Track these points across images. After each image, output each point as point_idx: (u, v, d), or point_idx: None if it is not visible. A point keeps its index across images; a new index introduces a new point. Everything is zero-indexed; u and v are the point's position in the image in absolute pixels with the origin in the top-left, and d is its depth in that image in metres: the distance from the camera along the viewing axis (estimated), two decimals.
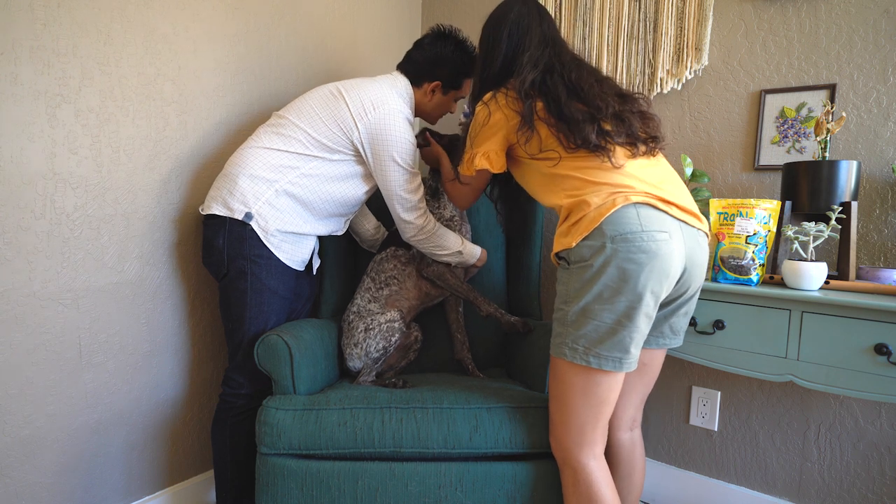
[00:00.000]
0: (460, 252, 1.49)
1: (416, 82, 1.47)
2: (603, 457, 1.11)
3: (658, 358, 1.24)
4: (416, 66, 1.47)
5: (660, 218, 1.02)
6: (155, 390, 1.47)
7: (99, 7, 1.25)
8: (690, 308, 1.19)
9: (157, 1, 1.36)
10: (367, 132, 1.33)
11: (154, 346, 1.45)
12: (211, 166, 1.52)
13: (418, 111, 1.53)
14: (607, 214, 1.00)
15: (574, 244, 1.03)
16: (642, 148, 1.11)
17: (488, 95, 1.20)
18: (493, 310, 1.51)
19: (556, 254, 1.10)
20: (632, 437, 1.29)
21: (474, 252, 1.53)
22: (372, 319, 1.46)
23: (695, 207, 1.11)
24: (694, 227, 1.09)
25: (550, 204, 1.15)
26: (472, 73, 1.51)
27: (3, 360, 1.18)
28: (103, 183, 1.30)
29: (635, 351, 1.04)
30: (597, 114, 1.09)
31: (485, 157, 1.21)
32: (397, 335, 1.46)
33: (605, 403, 1.07)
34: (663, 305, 1.14)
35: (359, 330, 1.46)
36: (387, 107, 1.34)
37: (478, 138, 1.22)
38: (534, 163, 1.16)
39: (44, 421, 1.26)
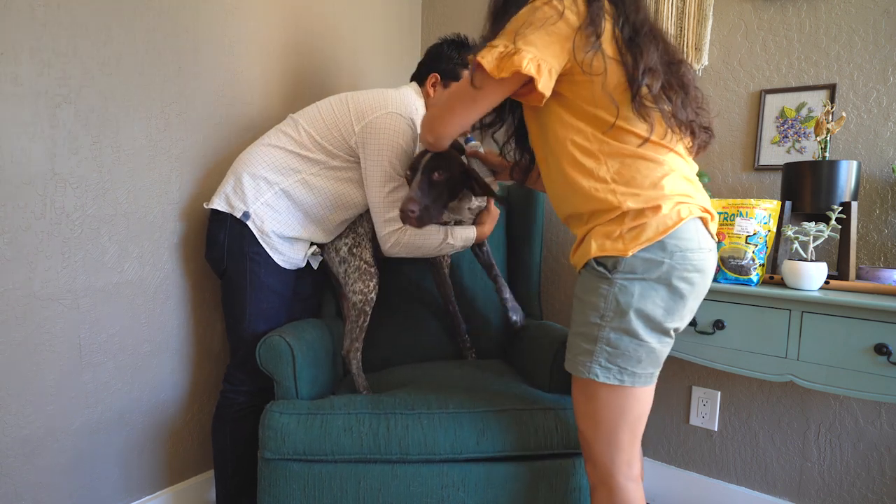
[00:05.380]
0: (449, 244, 1.39)
1: (420, 82, 1.51)
2: (639, 478, 1.04)
3: None
4: (419, 67, 1.52)
5: (706, 233, 0.95)
6: (155, 390, 1.47)
7: (99, 7, 1.25)
8: None
9: (156, 1, 1.36)
10: (363, 133, 1.33)
11: (154, 346, 1.45)
12: (211, 167, 1.52)
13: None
14: (674, 228, 0.88)
15: (630, 253, 0.88)
16: (696, 141, 0.98)
17: None
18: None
19: (597, 259, 0.92)
20: None
21: (467, 235, 1.42)
22: (355, 247, 1.46)
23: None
24: (716, 238, 1.02)
25: (587, 190, 0.92)
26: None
27: (3, 360, 1.18)
28: (103, 183, 1.30)
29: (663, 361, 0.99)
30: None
31: (534, 63, 0.86)
32: (374, 281, 1.42)
33: (643, 417, 1.00)
34: None
35: (345, 241, 1.48)
36: (386, 109, 1.34)
37: (525, 35, 0.87)
38: (579, 113, 0.91)
39: (44, 421, 1.25)
